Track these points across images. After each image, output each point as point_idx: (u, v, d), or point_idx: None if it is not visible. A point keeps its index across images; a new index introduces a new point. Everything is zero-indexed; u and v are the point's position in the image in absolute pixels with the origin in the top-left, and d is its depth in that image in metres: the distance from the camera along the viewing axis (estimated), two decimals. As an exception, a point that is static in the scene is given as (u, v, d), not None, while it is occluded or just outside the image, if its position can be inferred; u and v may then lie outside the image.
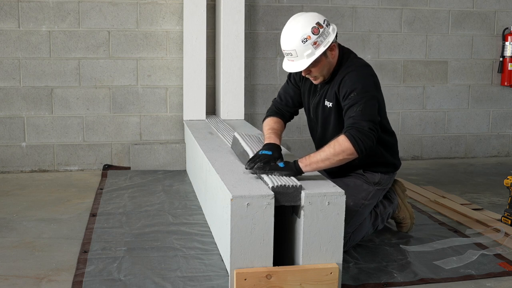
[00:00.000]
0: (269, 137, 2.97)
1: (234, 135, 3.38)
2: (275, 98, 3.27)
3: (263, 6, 5.07)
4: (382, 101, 2.97)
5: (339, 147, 2.64)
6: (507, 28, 5.53)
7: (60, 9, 4.71)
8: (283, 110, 3.20)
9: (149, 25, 4.87)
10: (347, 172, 3.09)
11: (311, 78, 2.93)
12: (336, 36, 2.85)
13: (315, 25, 2.74)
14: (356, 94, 2.73)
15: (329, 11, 5.15)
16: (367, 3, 5.25)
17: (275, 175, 2.64)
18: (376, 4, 5.28)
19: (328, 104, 2.92)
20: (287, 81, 3.22)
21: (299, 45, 2.74)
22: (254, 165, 2.74)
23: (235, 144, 3.31)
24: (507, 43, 5.48)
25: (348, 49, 3.00)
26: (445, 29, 5.46)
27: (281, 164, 2.68)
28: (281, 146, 2.94)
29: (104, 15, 4.79)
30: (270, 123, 3.11)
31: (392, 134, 3.13)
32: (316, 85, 3.02)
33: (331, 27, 2.82)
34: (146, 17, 4.85)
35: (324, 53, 2.79)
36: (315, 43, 2.74)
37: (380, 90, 2.93)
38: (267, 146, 2.86)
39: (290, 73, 3.18)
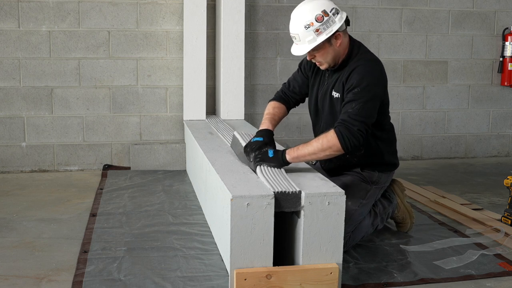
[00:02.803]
0: (263, 123, 3.07)
1: (233, 135, 3.38)
2: (285, 83, 3.31)
3: (263, 6, 5.07)
4: (386, 98, 2.98)
5: (327, 143, 2.70)
6: (507, 28, 5.53)
7: (60, 9, 4.71)
8: (289, 96, 3.23)
9: (149, 25, 4.87)
10: (344, 170, 3.10)
11: (317, 63, 2.96)
12: (347, 25, 2.88)
13: (320, 13, 2.76)
14: (359, 91, 2.75)
15: (329, 11, 5.15)
16: (367, 3, 5.25)
17: (263, 166, 2.77)
18: (376, 4, 5.28)
19: (335, 94, 2.93)
20: (298, 68, 3.24)
21: (302, 31, 2.78)
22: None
23: (235, 143, 3.31)
24: (507, 43, 5.48)
25: (359, 42, 3.00)
26: (445, 29, 5.46)
27: (270, 153, 2.79)
28: (273, 131, 3.03)
29: (104, 15, 4.79)
30: (269, 108, 3.17)
31: (391, 130, 3.12)
32: (325, 75, 3.03)
33: (338, 16, 2.82)
34: (146, 17, 4.86)
35: (328, 41, 2.81)
36: (317, 30, 2.77)
37: (386, 87, 2.92)
38: (259, 133, 2.98)
39: (302, 62, 3.21)
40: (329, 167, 3.17)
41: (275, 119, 3.11)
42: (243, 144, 3.15)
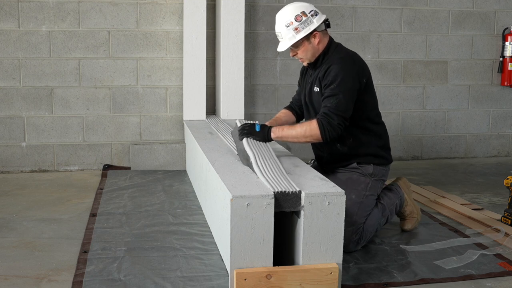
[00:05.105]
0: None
1: (236, 123, 3.37)
2: None
3: (263, 6, 5.07)
4: (364, 86, 3.12)
5: (309, 132, 3.01)
6: (507, 28, 5.53)
7: (60, 9, 4.71)
8: (294, 104, 3.55)
9: (149, 25, 4.87)
10: (340, 165, 3.25)
11: (300, 60, 3.25)
12: (327, 26, 3.16)
13: (299, 14, 3.10)
14: (335, 86, 3.02)
15: (329, 11, 5.15)
16: (367, 3, 5.25)
17: (249, 138, 3.07)
18: (376, 4, 5.27)
19: (316, 89, 3.20)
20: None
21: (283, 29, 3.13)
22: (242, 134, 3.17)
23: (235, 133, 3.27)
24: (507, 43, 5.48)
25: (339, 43, 3.25)
26: (445, 29, 5.46)
27: (257, 128, 3.12)
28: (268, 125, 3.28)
29: (104, 15, 4.79)
30: (277, 114, 3.52)
31: (381, 124, 3.29)
32: (308, 74, 3.31)
33: (316, 17, 3.11)
34: (146, 17, 4.85)
35: (307, 39, 3.12)
36: (296, 28, 3.09)
37: (361, 77, 3.10)
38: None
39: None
40: (327, 160, 3.30)
41: (277, 120, 3.43)
42: (244, 143, 3.15)
